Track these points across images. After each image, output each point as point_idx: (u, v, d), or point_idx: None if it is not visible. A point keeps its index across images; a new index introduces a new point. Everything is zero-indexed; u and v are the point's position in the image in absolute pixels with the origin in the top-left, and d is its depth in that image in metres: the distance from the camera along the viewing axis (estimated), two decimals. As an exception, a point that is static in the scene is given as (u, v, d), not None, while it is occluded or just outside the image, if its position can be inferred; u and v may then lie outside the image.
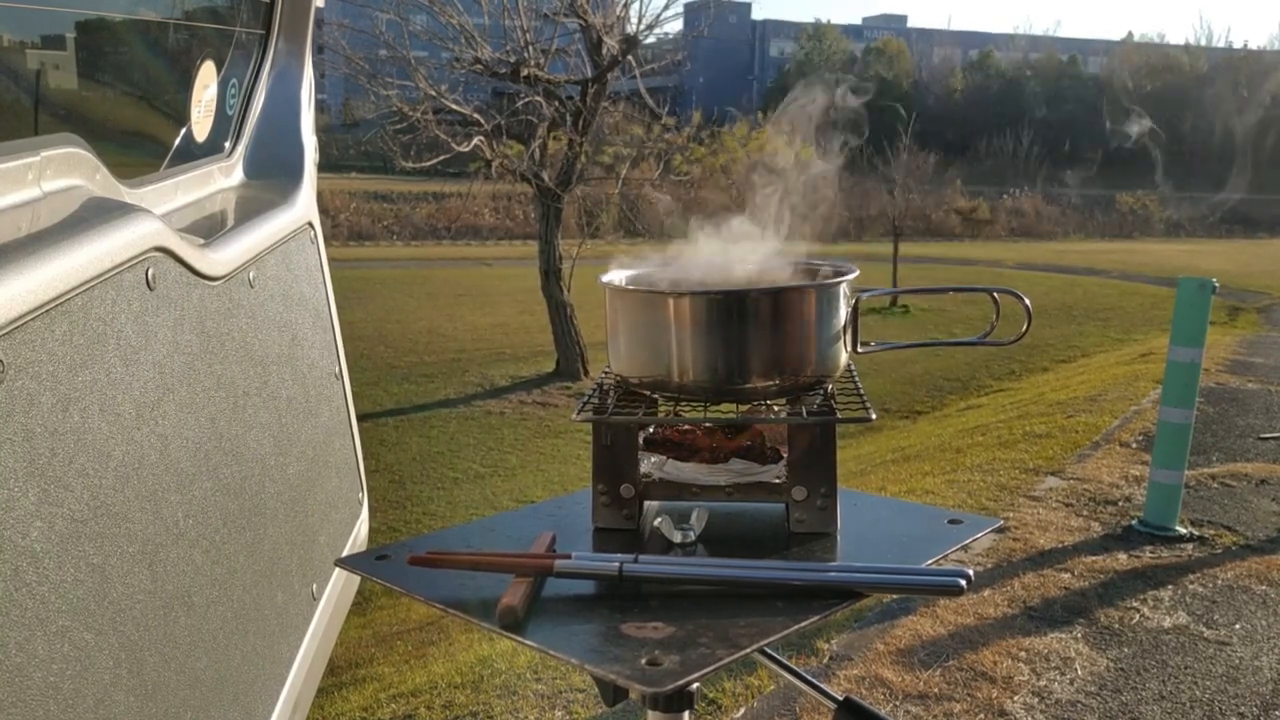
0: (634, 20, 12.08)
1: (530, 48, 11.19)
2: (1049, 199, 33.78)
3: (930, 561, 1.22)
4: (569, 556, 1.16)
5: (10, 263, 0.90)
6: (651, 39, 14.32)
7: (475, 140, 10.99)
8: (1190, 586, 3.78)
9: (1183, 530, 4.27)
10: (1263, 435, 5.99)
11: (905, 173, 18.55)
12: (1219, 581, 3.82)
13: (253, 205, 1.81)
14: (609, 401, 1.37)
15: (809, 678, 1.37)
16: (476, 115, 11.28)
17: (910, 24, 65.57)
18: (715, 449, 1.38)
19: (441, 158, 11.33)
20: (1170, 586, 3.77)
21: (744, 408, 1.38)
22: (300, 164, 2.03)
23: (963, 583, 1.09)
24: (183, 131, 1.74)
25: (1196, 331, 4.24)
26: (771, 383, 1.33)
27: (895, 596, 3.48)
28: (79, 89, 1.50)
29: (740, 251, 1.46)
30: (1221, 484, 4.98)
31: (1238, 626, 3.45)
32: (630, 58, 11.58)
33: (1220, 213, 33.78)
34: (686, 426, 1.42)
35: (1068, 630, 3.42)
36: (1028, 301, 1.42)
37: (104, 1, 1.54)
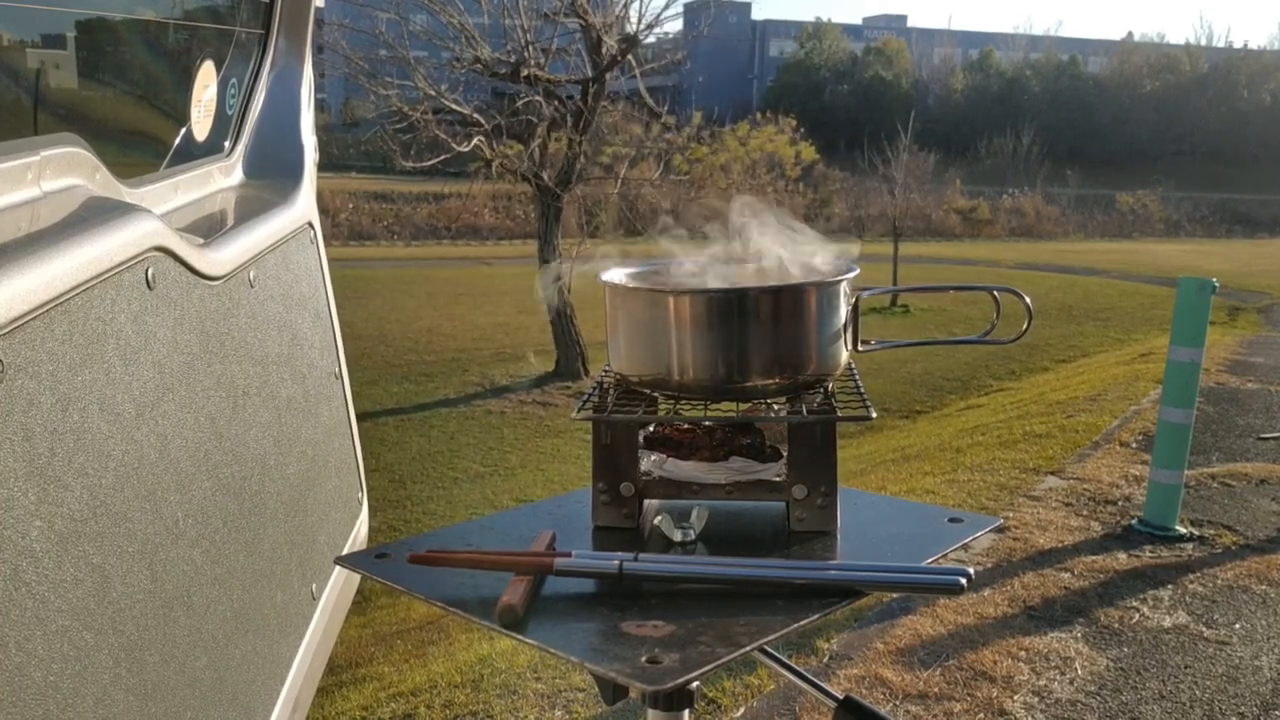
0: (634, 20, 12.07)
1: (530, 47, 11.18)
2: (1049, 199, 33.77)
3: (930, 560, 1.22)
4: (569, 555, 1.16)
5: (10, 263, 0.90)
6: (651, 39, 14.32)
7: (475, 140, 10.99)
8: (1190, 586, 3.78)
9: (1183, 530, 4.27)
10: (1263, 435, 5.99)
11: (905, 173, 18.55)
12: (1219, 581, 3.82)
13: (253, 205, 1.81)
14: (609, 400, 1.37)
15: (809, 676, 1.37)
16: (476, 115, 11.28)
17: (910, 24, 65.46)
18: (715, 447, 1.38)
19: (442, 157, 11.33)
20: (1170, 586, 3.77)
21: (744, 406, 1.38)
22: (300, 164, 2.03)
23: (963, 581, 1.09)
24: (183, 131, 1.74)
25: (1196, 331, 4.24)
26: (772, 381, 1.32)
27: (895, 595, 3.48)
28: (79, 89, 1.50)
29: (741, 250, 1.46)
30: (1221, 484, 4.98)
31: (1238, 626, 3.45)
32: (630, 57, 11.58)
33: (1220, 212, 33.81)
34: (686, 425, 1.42)
35: (1068, 630, 3.41)
36: (1028, 300, 1.42)
37: (104, 1, 1.54)
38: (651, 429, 1.42)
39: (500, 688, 3.25)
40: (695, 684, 1.06)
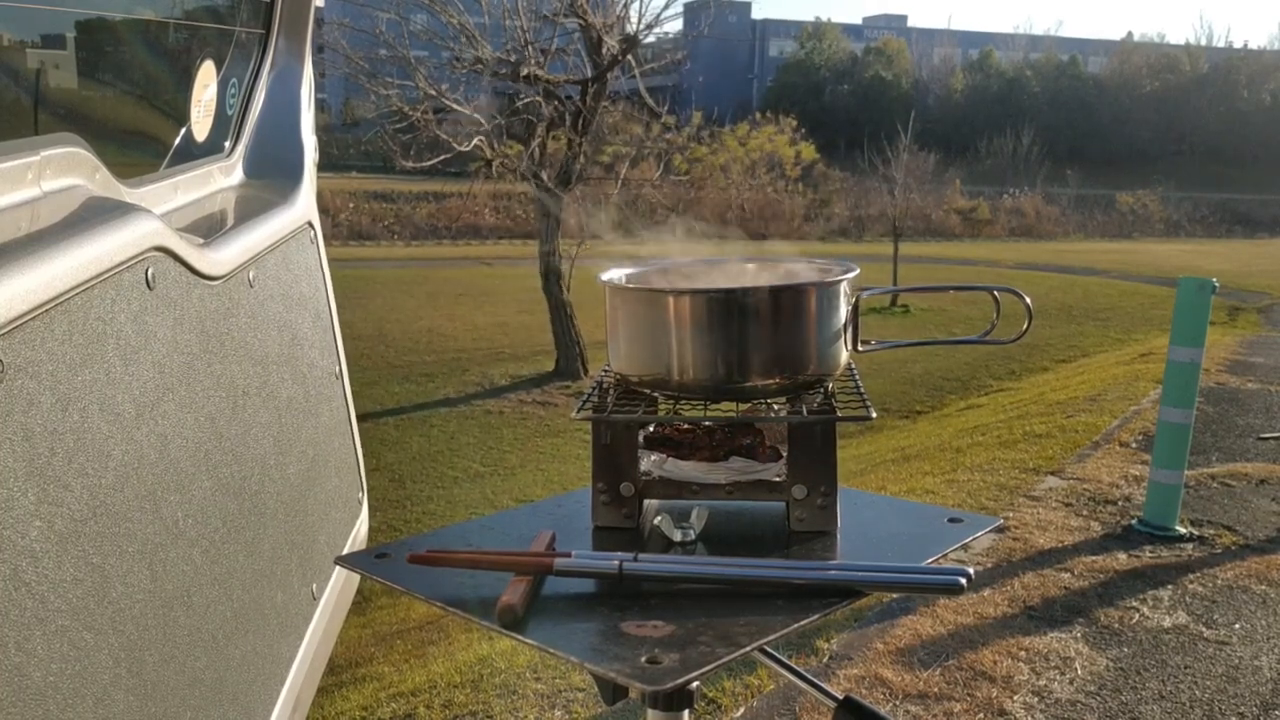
0: (634, 20, 12.08)
1: (530, 47, 11.18)
2: (1049, 199, 33.77)
3: (930, 560, 1.22)
4: (569, 555, 1.16)
5: (10, 262, 0.90)
6: (651, 39, 14.31)
7: (475, 140, 10.99)
8: (1190, 586, 3.78)
9: (1182, 530, 4.27)
10: (1262, 435, 5.99)
11: (905, 173, 18.55)
12: (1219, 581, 3.82)
13: (252, 205, 1.81)
14: (609, 400, 1.37)
15: (809, 676, 1.37)
16: (476, 115, 11.28)
17: (910, 23, 65.46)
18: (715, 447, 1.38)
19: (442, 157, 11.33)
20: (1170, 586, 3.77)
21: (744, 406, 1.38)
22: (300, 164, 2.03)
23: (963, 581, 1.09)
24: (183, 131, 1.74)
25: (1196, 331, 4.24)
26: (772, 381, 1.32)
27: (895, 595, 3.48)
28: (79, 89, 1.50)
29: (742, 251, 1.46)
30: (1221, 484, 4.98)
31: (1237, 626, 3.45)
32: (630, 57, 11.58)
33: (1220, 212, 33.81)
34: (686, 425, 1.42)
35: (1067, 630, 3.42)
36: (1028, 300, 1.42)
37: (104, 1, 1.54)
38: (651, 429, 1.42)
39: (500, 688, 3.25)
40: (695, 684, 1.06)
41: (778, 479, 1.33)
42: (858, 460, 7.41)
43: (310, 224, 1.95)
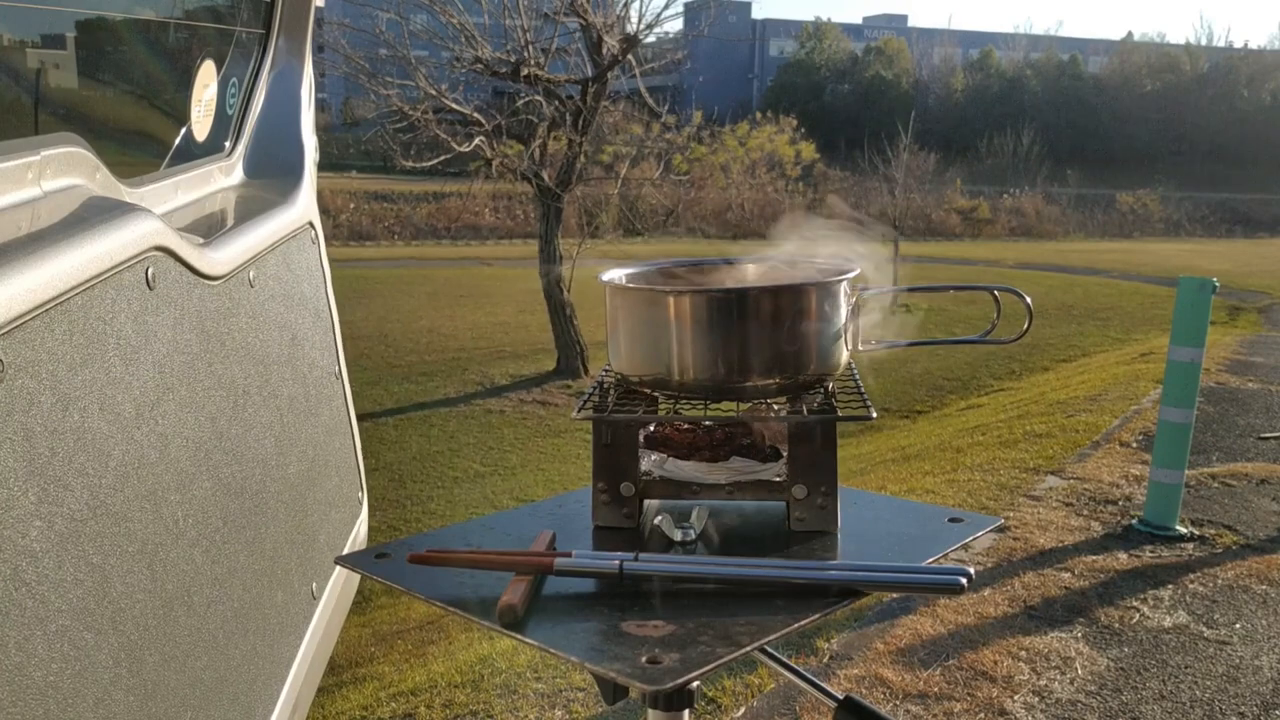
0: (634, 20, 12.08)
1: (530, 47, 11.18)
2: (1049, 199, 33.75)
3: (930, 560, 1.22)
4: (569, 555, 1.16)
5: (10, 262, 0.90)
6: (651, 38, 14.30)
7: (476, 140, 10.99)
8: (1190, 586, 3.78)
9: (1183, 530, 4.27)
10: (1263, 435, 5.99)
11: (905, 172, 18.55)
12: (1219, 581, 3.82)
13: (253, 205, 1.81)
14: (609, 400, 1.37)
15: (809, 676, 1.37)
16: (476, 115, 11.28)
17: (910, 23, 65.50)
18: (715, 447, 1.38)
19: (442, 157, 11.33)
20: (1170, 586, 3.77)
21: (744, 406, 1.38)
22: (300, 164, 2.03)
23: (963, 581, 1.09)
24: (183, 131, 1.74)
25: (1197, 331, 4.24)
26: (772, 381, 1.32)
27: (895, 595, 3.48)
28: (79, 89, 1.50)
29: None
30: (1222, 484, 4.98)
31: (1238, 626, 3.45)
32: (630, 57, 11.57)
33: (1220, 212, 33.81)
34: (686, 425, 1.42)
35: (1068, 630, 3.41)
36: (1029, 299, 1.42)
37: (104, 1, 1.54)
38: (652, 429, 1.42)
39: (500, 687, 3.25)
40: (695, 684, 1.06)
41: (778, 479, 1.33)
42: (858, 460, 7.41)
43: (310, 224, 1.95)
